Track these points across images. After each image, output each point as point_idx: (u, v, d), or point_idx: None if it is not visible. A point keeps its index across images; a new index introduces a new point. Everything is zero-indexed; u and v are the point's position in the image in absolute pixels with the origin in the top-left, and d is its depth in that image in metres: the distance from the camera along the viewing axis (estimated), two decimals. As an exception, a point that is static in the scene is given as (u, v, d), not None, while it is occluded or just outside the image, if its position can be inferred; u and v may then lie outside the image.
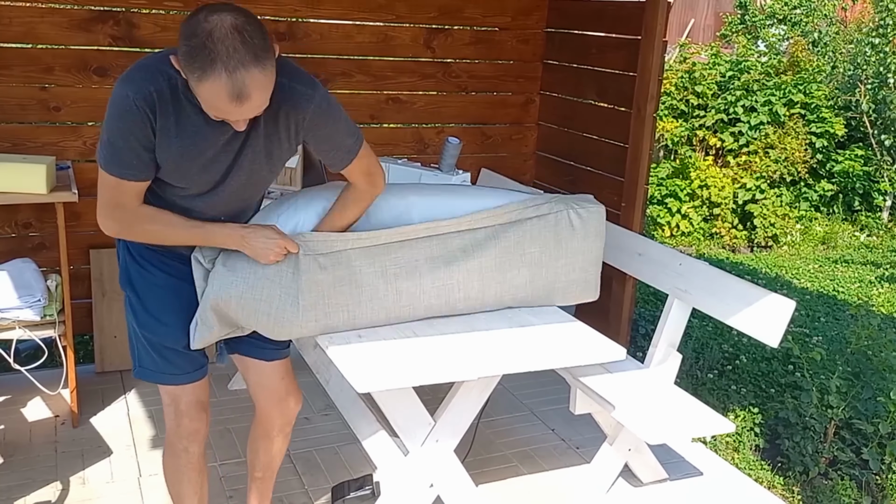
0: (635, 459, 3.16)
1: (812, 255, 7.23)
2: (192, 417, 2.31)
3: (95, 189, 3.93)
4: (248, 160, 2.08)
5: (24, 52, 3.68)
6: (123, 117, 1.94)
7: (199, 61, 1.76)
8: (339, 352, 2.21)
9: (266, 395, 2.44)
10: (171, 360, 2.26)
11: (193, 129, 1.97)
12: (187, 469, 2.38)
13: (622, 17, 4.05)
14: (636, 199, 3.97)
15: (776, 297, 2.74)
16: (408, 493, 2.61)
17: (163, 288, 2.24)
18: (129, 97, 1.92)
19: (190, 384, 2.29)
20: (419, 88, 4.42)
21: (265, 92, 1.84)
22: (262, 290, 2.19)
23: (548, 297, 2.58)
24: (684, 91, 8.06)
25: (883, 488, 3.41)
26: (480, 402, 2.59)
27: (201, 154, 2.01)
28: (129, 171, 2.00)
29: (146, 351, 2.27)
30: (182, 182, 2.07)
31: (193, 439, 2.34)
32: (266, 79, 1.82)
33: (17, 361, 3.17)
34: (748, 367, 4.49)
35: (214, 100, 1.81)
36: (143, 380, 2.31)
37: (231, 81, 1.76)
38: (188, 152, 1.99)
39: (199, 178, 2.07)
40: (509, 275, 2.47)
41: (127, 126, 1.94)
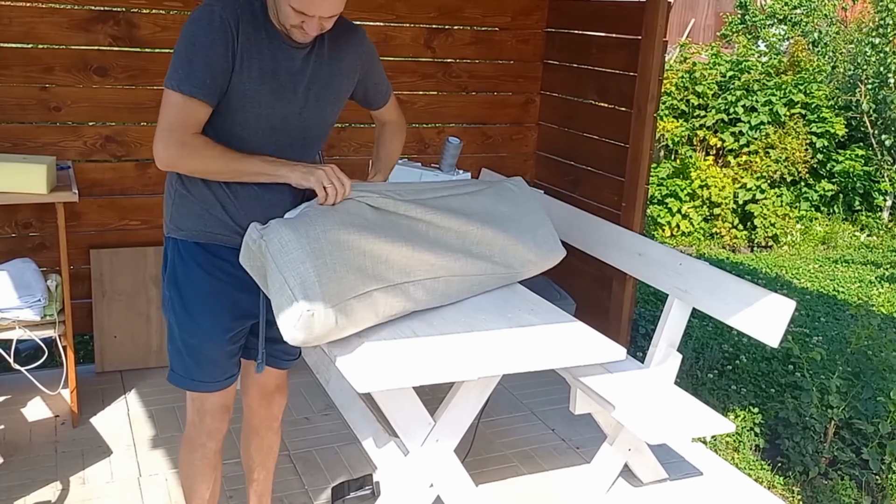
0: (635, 459, 3.16)
1: (812, 255, 7.23)
2: (214, 417, 2.33)
3: (96, 189, 3.97)
4: (314, 91, 2.15)
5: (25, 52, 3.68)
6: (209, 31, 1.96)
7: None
8: (339, 352, 2.21)
9: (255, 391, 2.47)
10: (204, 366, 2.25)
11: (269, 51, 2.04)
12: (202, 464, 2.39)
13: (622, 16, 4.05)
14: (636, 198, 3.97)
15: (776, 297, 2.74)
16: (408, 493, 2.61)
17: (207, 291, 2.19)
18: (215, 11, 1.97)
19: (218, 391, 2.30)
20: (419, 88, 4.42)
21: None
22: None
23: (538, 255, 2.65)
24: (685, 91, 8.06)
25: (883, 488, 3.41)
26: (480, 402, 2.59)
27: (275, 76, 2.06)
28: (200, 90, 1.98)
29: (180, 355, 2.25)
30: (254, 108, 2.06)
31: (213, 436, 2.35)
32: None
33: (17, 361, 3.17)
34: (748, 367, 4.49)
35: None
36: (173, 384, 2.28)
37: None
38: (264, 73, 2.04)
39: (270, 107, 2.08)
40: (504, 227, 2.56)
41: (210, 40, 1.96)
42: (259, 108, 2.08)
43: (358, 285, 2.11)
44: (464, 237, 2.44)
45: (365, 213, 2.20)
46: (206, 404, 2.31)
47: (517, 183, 2.75)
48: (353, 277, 2.10)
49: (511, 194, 2.68)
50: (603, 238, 3.55)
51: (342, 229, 2.10)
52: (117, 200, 3.94)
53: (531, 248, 2.62)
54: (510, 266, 2.57)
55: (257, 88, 2.05)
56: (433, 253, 2.34)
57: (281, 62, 2.07)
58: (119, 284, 3.89)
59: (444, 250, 2.38)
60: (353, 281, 2.10)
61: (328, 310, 2.01)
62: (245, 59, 2.01)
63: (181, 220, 2.19)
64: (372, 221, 2.20)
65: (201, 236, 2.19)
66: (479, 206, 2.55)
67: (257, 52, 2.03)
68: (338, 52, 2.18)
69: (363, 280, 2.13)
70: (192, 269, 2.20)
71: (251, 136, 2.11)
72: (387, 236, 2.22)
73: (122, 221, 3.96)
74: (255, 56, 2.02)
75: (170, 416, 3.54)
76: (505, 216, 2.59)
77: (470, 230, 2.46)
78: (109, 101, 3.82)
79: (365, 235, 2.15)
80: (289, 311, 1.98)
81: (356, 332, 2.16)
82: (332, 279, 2.03)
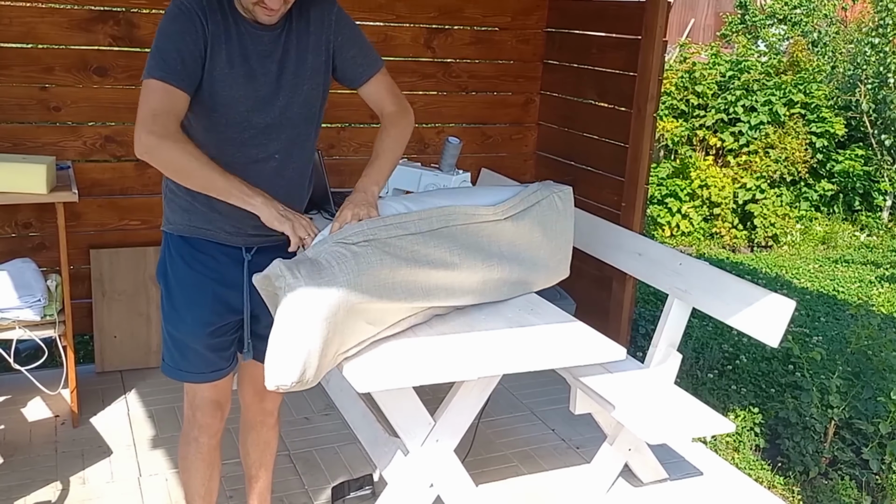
0: (635, 459, 3.16)
1: (812, 255, 7.23)
2: (205, 412, 2.35)
3: (96, 189, 3.97)
4: (289, 70, 2.14)
5: (25, 52, 3.68)
6: (176, 19, 2.02)
7: None
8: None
9: (249, 387, 2.48)
10: (189, 357, 2.28)
11: (237, 37, 2.06)
12: (196, 459, 2.41)
13: (622, 16, 4.05)
14: (636, 198, 3.97)
15: (776, 297, 2.74)
16: (408, 493, 2.61)
17: (189, 285, 2.24)
18: (183, 2, 2.02)
19: (206, 383, 2.32)
20: (419, 88, 4.42)
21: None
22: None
23: (545, 279, 2.65)
24: (684, 91, 8.06)
25: (883, 488, 3.41)
26: (480, 402, 2.59)
27: (244, 60, 2.08)
28: (172, 75, 1.98)
29: (167, 345, 2.31)
30: (228, 91, 2.08)
31: (203, 431, 2.37)
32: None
33: (17, 361, 3.17)
34: (748, 367, 4.49)
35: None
36: (166, 374, 2.34)
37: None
38: (232, 58, 2.06)
39: (243, 89, 2.09)
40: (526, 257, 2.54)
41: (178, 28, 2.01)
42: (232, 90, 2.09)
43: (360, 336, 2.15)
44: (485, 277, 2.41)
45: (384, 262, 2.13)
46: (197, 398, 2.33)
47: (564, 196, 2.65)
48: (357, 335, 2.12)
49: (552, 212, 2.59)
50: (603, 238, 3.55)
51: (361, 292, 2.05)
52: (117, 200, 3.94)
53: (542, 275, 2.62)
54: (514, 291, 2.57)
55: (228, 72, 2.07)
56: (448, 300, 2.35)
57: (249, 46, 2.09)
58: (119, 284, 3.89)
59: (459, 295, 2.38)
60: (356, 336, 2.12)
61: (319, 372, 2.01)
62: (214, 46, 2.04)
63: (170, 214, 2.25)
64: (392, 272, 2.14)
65: (186, 230, 2.23)
66: (510, 235, 2.47)
67: (226, 38, 2.06)
68: (306, 27, 2.16)
69: (367, 331, 2.16)
70: (177, 263, 2.25)
71: (231, 120, 2.11)
72: (404, 294, 2.19)
73: (122, 221, 3.96)
74: (224, 42, 2.06)
75: (170, 416, 3.54)
76: (534, 244, 2.55)
77: (492, 267, 2.41)
78: (109, 101, 3.82)
79: (382, 298, 2.13)
80: (282, 368, 1.95)
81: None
82: (335, 341, 2.04)
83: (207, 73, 2.05)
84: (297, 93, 2.18)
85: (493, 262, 2.42)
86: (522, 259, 2.53)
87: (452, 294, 2.36)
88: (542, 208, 2.57)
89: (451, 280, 2.33)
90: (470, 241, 2.37)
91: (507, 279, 2.49)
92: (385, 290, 2.14)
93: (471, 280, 2.39)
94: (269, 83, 2.13)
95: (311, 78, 2.20)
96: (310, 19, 2.16)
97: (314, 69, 2.20)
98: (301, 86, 2.18)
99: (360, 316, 2.10)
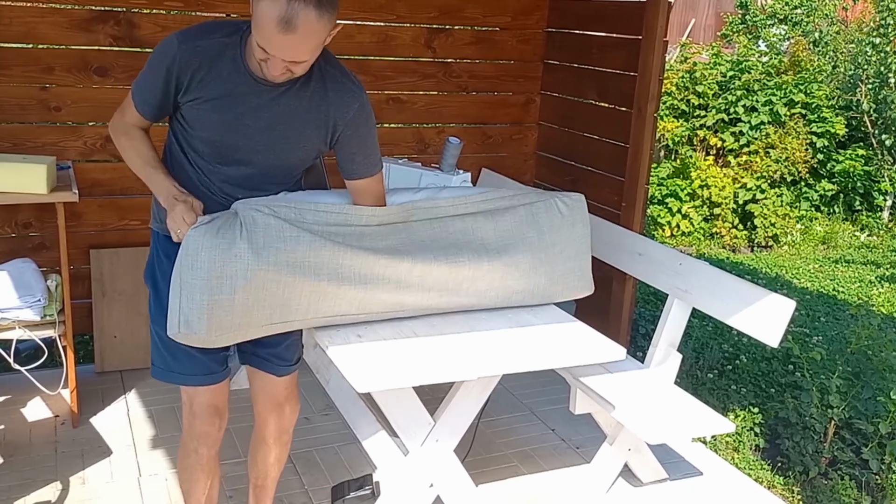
0: (635, 459, 3.16)
1: (812, 255, 7.23)
2: (203, 420, 2.31)
3: (96, 189, 3.97)
4: (278, 134, 2.13)
5: (25, 52, 3.68)
6: (160, 58, 2.06)
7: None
8: (339, 352, 2.21)
9: (264, 400, 2.45)
10: (180, 358, 2.25)
11: (231, 84, 2.06)
12: (195, 469, 2.39)
13: (623, 16, 4.05)
14: (636, 198, 3.97)
15: (776, 297, 2.74)
16: (408, 493, 2.61)
17: None
18: (172, 45, 2.04)
19: (203, 387, 2.29)
20: (419, 88, 4.42)
21: (312, 38, 1.92)
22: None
23: (549, 289, 2.55)
24: (685, 91, 8.05)
25: (883, 488, 3.41)
26: (480, 402, 2.59)
27: (231, 108, 2.08)
28: (141, 105, 2.15)
29: (156, 347, 2.29)
30: (209, 135, 2.12)
31: (203, 442, 2.34)
32: (318, 25, 1.91)
33: (17, 361, 3.17)
34: (748, 367, 4.49)
35: (265, 20, 1.88)
36: (156, 378, 2.32)
37: (287, 7, 1.85)
38: (219, 104, 2.07)
39: (222, 135, 2.11)
40: (513, 259, 2.45)
41: (158, 65, 2.06)
42: (210, 132, 2.12)
43: (274, 317, 2.17)
44: (455, 273, 2.36)
45: (301, 238, 2.16)
46: (195, 405, 2.30)
47: (572, 202, 2.59)
48: (265, 313, 2.15)
49: (553, 217, 2.53)
50: (603, 238, 3.55)
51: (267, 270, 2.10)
52: (117, 200, 3.94)
53: (542, 282, 2.53)
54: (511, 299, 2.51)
55: (209, 115, 2.09)
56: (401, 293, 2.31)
57: (243, 95, 2.07)
58: (119, 284, 3.89)
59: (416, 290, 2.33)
60: (264, 316, 2.15)
61: (215, 337, 2.10)
62: (202, 88, 2.06)
63: (158, 211, 2.26)
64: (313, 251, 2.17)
65: None
66: (492, 227, 2.45)
67: (218, 82, 2.06)
68: (320, 102, 2.13)
69: (283, 314, 2.18)
70: (163, 262, 2.26)
71: (204, 154, 2.18)
72: (331, 276, 2.19)
73: (122, 221, 3.96)
74: (214, 86, 2.06)
75: (170, 416, 3.54)
76: (525, 243, 2.48)
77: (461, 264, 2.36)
78: (109, 101, 3.81)
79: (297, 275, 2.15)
80: (170, 322, 2.11)
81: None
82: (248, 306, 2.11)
83: (188, 109, 2.10)
84: (282, 154, 2.19)
85: (463, 260, 2.36)
86: (506, 260, 2.44)
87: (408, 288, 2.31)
88: (535, 209, 2.52)
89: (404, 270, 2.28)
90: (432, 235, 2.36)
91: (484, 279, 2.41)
92: (303, 268, 2.15)
93: (434, 276, 2.33)
94: (252, 136, 2.12)
95: (303, 148, 2.19)
96: (327, 97, 2.13)
97: (308, 141, 2.18)
98: (289, 151, 2.18)
99: (282, 289, 2.13)
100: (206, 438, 2.34)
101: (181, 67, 2.03)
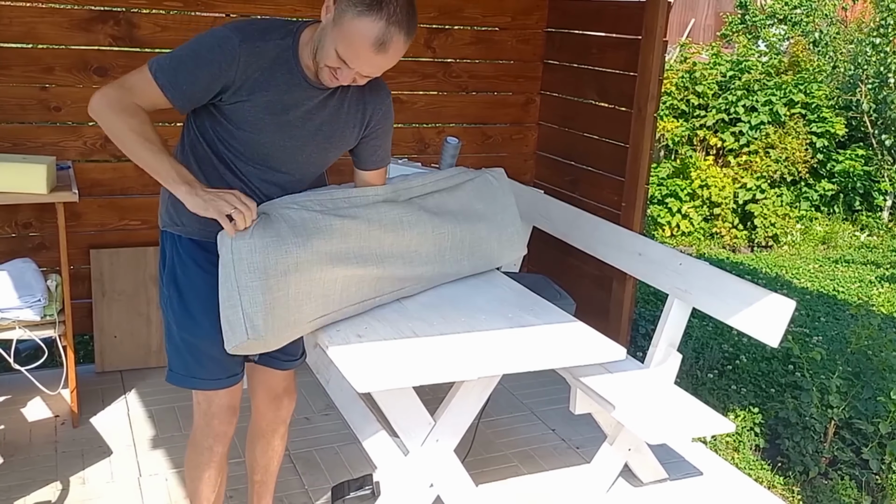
0: (635, 459, 3.16)
1: (812, 255, 7.23)
2: (221, 420, 2.31)
3: (96, 189, 3.97)
4: (324, 133, 2.16)
5: (25, 52, 3.68)
6: (214, 51, 1.99)
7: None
8: (339, 352, 2.21)
9: (263, 393, 2.46)
10: (205, 364, 2.23)
11: (286, 87, 2.06)
12: (208, 467, 2.37)
13: (622, 16, 4.05)
14: (636, 198, 3.97)
15: (776, 297, 2.74)
16: (408, 493, 2.61)
17: (206, 290, 2.18)
18: (233, 41, 1.99)
19: (223, 389, 2.28)
20: (419, 88, 4.42)
21: (394, 60, 2.01)
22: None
23: (500, 251, 2.73)
24: (685, 91, 8.06)
25: (883, 488, 3.41)
26: (480, 402, 2.59)
27: (284, 111, 2.09)
28: (174, 90, 2.01)
29: (179, 353, 2.24)
30: (254, 135, 2.10)
31: (220, 440, 2.33)
32: (403, 49, 2.00)
33: (17, 361, 3.17)
34: (748, 367, 4.49)
35: (360, 38, 1.92)
36: (174, 384, 2.27)
37: (385, 30, 1.92)
38: (273, 106, 2.07)
39: (271, 136, 2.11)
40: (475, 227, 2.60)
41: (213, 59, 1.99)
42: (259, 135, 2.11)
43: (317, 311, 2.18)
44: (438, 244, 2.48)
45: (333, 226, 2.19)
46: (213, 406, 2.29)
47: (497, 175, 2.78)
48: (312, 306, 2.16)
49: (489, 188, 2.71)
50: (603, 238, 3.55)
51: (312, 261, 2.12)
52: (117, 200, 3.94)
53: (495, 247, 2.70)
54: (476, 265, 2.66)
55: (261, 117, 2.08)
56: (405, 268, 2.40)
57: (296, 99, 2.09)
58: (119, 284, 3.89)
59: (416, 264, 2.43)
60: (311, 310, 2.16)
61: (275, 337, 2.09)
62: (256, 89, 2.03)
63: (178, 216, 2.20)
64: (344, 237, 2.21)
65: (198, 233, 2.19)
66: (456, 202, 2.58)
67: (273, 85, 2.05)
68: (360, 103, 2.20)
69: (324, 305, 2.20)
70: (191, 268, 2.21)
71: (244, 154, 2.14)
72: (357, 259, 2.24)
73: (122, 221, 3.96)
74: (270, 88, 2.05)
75: (170, 416, 3.54)
76: (478, 214, 2.64)
77: (443, 235, 2.48)
78: (109, 101, 3.82)
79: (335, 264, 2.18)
80: (233, 332, 2.05)
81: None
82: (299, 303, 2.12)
83: (237, 109, 2.06)
84: (322, 154, 2.23)
85: (444, 231, 2.49)
86: (471, 229, 2.58)
87: (410, 262, 2.41)
88: (476, 184, 2.68)
89: (405, 245, 2.37)
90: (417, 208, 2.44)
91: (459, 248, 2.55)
92: (338, 256, 2.18)
93: (425, 248, 2.44)
94: (300, 137, 2.15)
95: (338, 147, 2.25)
96: (364, 95, 2.19)
97: (346, 140, 2.24)
98: (328, 151, 2.23)
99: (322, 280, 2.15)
100: (224, 437, 2.34)
101: (240, 67, 2.00)
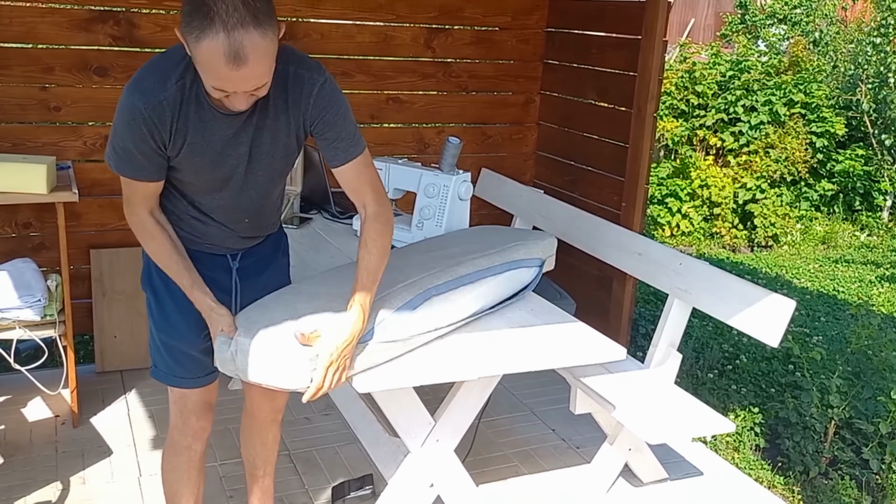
0: (635, 459, 3.16)
1: (812, 255, 7.23)
2: (199, 416, 2.32)
3: (96, 189, 3.97)
4: (261, 153, 2.06)
5: (25, 52, 3.68)
6: (131, 126, 1.93)
7: (197, 19, 1.70)
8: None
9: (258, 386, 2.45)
10: (183, 363, 2.25)
11: (202, 123, 1.95)
12: (188, 467, 2.37)
13: (622, 16, 4.05)
14: (636, 198, 3.97)
15: (776, 297, 2.74)
16: (408, 493, 2.61)
17: (178, 292, 2.18)
18: (137, 108, 1.90)
19: (200, 387, 2.30)
20: (419, 88, 4.42)
21: (265, 59, 1.77)
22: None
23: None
24: (684, 91, 8.05)
25: (883, 488, 3.41)
26: (480, 402, 2.59)
27: (210, 147, 2.00)
28: (142, 173, 2.02)
29: (160, 352, 2.28)
30: (196, 177, 2.06)
31: (198, 437, 2.34)
32: (266, 44, 1.75)
33: (17, 361, 3.17)
34: (748, 367, 4.49)
35: (212, 61, 1.73)
36: (157, 380, 2.31)
37: (229, 41, 1.70)
38: (198, 147, 1.98)
39: (211, 173, 2.05)
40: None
41: (137, 134, 1.93)
42: (198, 175, 2.06)
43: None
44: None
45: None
46: (189, 403, 2.30)
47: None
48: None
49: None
50: (603, 238, 3.55)
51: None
52: (117, 200, 3.89)
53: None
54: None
55: (192, 160, 2.01)
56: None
57: (215, 130, 1.98)
58: (119, 284, 3.89)
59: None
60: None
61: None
62: (176, 137, 1.96)
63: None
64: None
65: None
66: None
67: (190, 126, 1.95)
68: (284, 106, 2.02)
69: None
70: (164, 271, 2.20)
71: (198, 190, 2.11)
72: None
73: (122, 221, 3.87)
74: (188, 131, 1.96)
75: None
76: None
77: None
78: (109, 101, 3.81)
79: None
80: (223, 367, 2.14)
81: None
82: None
83: (173, 160, 2.01)
84: (269, 168, 2.12)
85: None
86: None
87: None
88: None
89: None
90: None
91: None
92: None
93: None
94: (238, 164, 2.06)
95: (284, 156, 2.13)
96: (288, 98, 2.01)
97: (287, 148, 2.11)
98: (274, 164, 2.12)
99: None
100: (202, 433, 2.34)
101: (157, 128, 1.92)
